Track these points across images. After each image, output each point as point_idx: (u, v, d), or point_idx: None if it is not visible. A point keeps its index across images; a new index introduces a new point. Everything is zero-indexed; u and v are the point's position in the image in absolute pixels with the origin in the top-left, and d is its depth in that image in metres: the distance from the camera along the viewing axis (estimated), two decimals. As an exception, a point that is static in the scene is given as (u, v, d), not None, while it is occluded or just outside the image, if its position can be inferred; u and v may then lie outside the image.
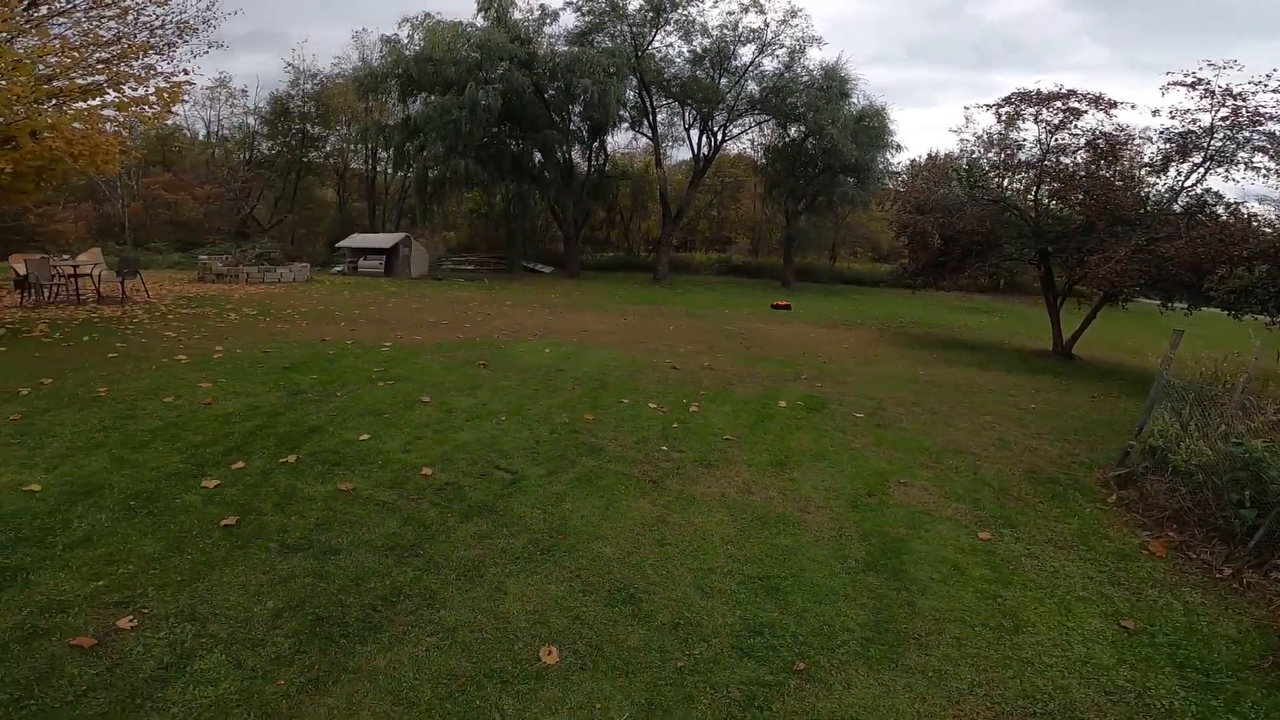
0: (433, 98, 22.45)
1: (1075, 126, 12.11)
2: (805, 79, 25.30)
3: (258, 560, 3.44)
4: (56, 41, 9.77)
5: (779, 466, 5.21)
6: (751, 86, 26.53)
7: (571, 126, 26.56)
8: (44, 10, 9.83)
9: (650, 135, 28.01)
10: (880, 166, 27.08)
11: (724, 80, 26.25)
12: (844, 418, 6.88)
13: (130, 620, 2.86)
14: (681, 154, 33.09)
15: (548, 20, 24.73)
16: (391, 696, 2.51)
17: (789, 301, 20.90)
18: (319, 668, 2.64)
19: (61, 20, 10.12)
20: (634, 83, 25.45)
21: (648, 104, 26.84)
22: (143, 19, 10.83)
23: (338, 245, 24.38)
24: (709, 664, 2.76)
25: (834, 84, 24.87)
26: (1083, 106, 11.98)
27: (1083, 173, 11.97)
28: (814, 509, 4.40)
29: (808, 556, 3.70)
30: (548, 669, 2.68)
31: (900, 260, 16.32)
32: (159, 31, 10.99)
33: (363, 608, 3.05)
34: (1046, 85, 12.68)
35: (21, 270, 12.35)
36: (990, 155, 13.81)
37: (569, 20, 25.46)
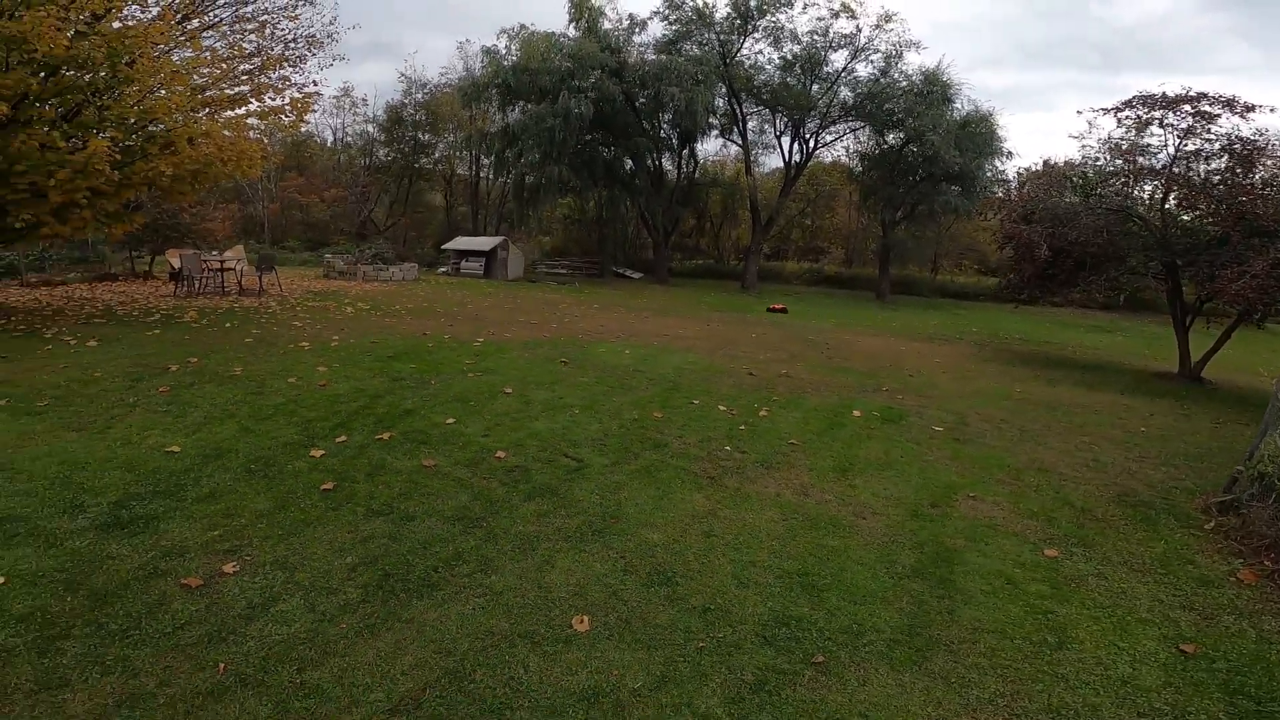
0: (529, 106, 23.56)
1: (1209, 131, 11.00)
2: (904, 84, 24.44)
3: (345, 521, 3.89)
4: (208, 54, 11.20)
5: (841, 473, 5.17)
6: (845, 93, 25.96)
7: (661, 134, 27.03)
8: (195, 24, 11.28)
9: (740, 143, 27.97)
10: (988, 174, 25.60)
11: (815, 87, 25.82)
12: (921, 430, 6.68)
13: (234, 566, 3.34)
14: (773, 161, 32.76)
15: (636, 29, 25.37)
16: (434, 645, 2.80)
17: (785, 305, 20.39)
18: (377, 616, 2.98)
19: (210, 34, 11.59)
20: (723, 90, 25.55)
21: (737, 111, 26.83)
22: (277, 33, 12.21)
23: (443, 247, 26.06)
24: (730, 647, 2.86)
25: (935, 89, 23.86)
26: (1215, 110, 10.87)
27: (1217, 179, 10.86)
28: (870, 515, 4.35)
29: (853, 559, 3.69)
30: (576, 635, 2.89)
31: (1008, 274, 15.34)
32: (292, 45, 12.35)
33: (425, 568, 3.39)
34: (1173, 88, 11.60)
35: (176, 264, 14.18)
36: (1117, 162, 12.78)
37: (657, 29, 26.07)
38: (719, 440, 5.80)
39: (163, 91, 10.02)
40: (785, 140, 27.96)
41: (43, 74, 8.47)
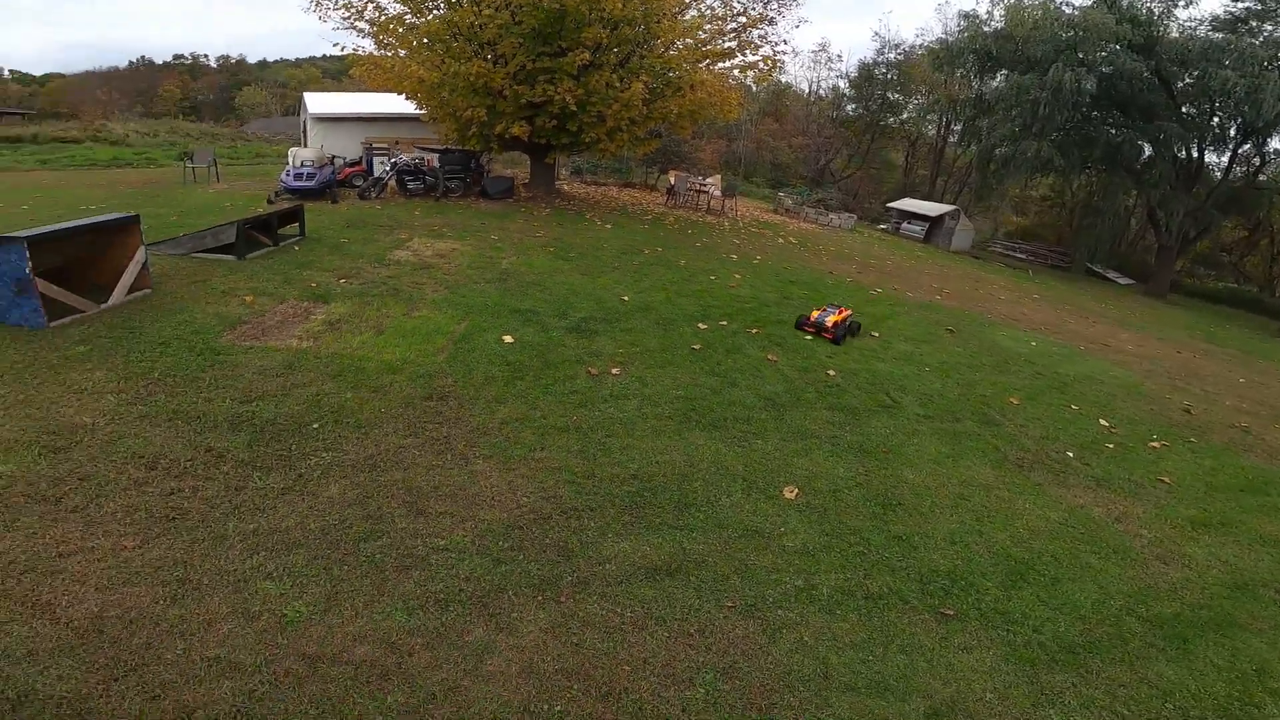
0: (1011, 75, 21.40)
1: None
2: None
3: (693, 370, 5.33)
4: (708, 13, 13.58)
5: (1195, 526, 4.30)
6: None
7: (1213, 121, 20.92)
8: None
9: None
10: None
11: None
12: None
13: (618, 370, 5.07)
14: None
15: (1177, 3, 20.07)
16: (685, 457, 4.02)
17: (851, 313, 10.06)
18: (669, 429, 4.36)
19: (708, -5, 13.89)
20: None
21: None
22: None
23: (889, 205, 25.86)
24: (884, 567, 3.31)
25: None
26: None
27: None
28: (1176, 564, 3.73)
29: (1098, 581, 3.43)
30: (779, 496, 3.74)
31: None
32: (769, 5, 13.85)
33: (718, 416, 4.61)
34: None
35: (672, 181, 18.08)
36: None
37: (1211, 5, 20.08)
38: (1064, 443, 5.30)
39: (679, 44, 12.82)
40: None
41: (609, 29, 11.78)
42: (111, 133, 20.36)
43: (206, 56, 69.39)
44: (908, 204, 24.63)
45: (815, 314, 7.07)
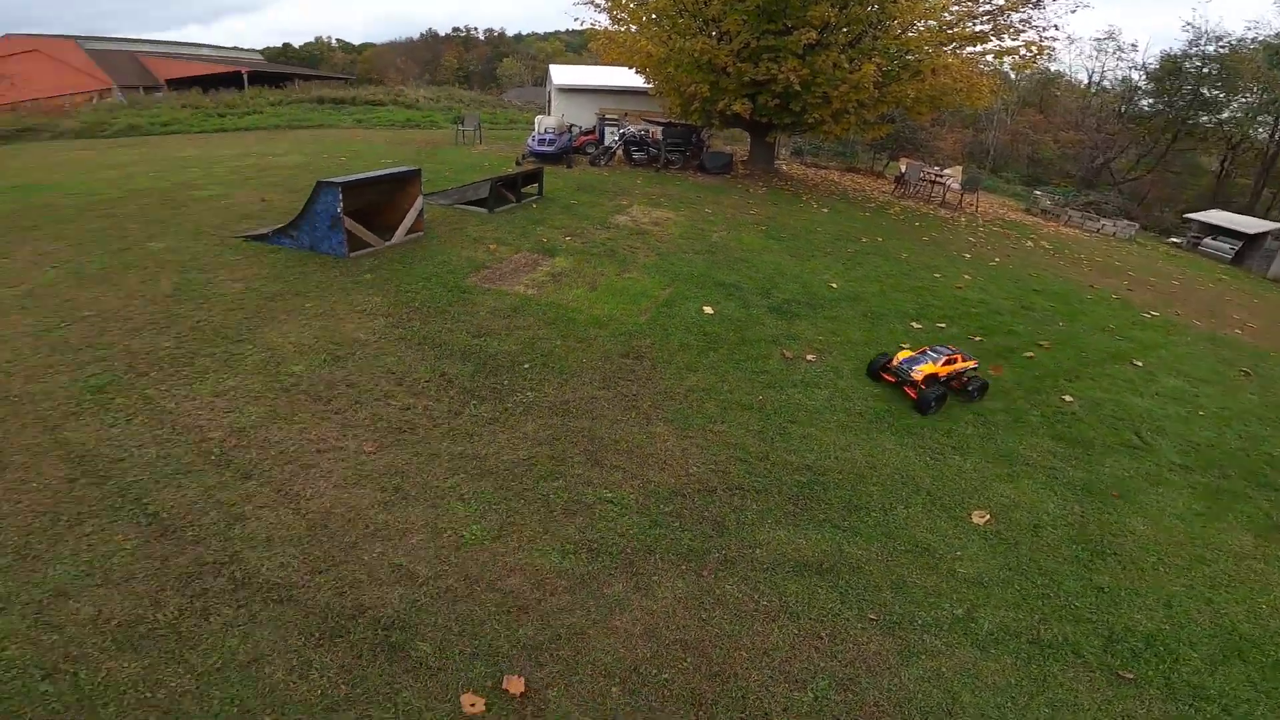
0: None
1: None
2: None
3: (901, 369, 4.90)
4: None
5: None
6: None
7: None
8: None
9: None
10: None
11: None
12: None
13: (812, 357, 4.87)
14: None
15: None
16: (867, 458, 3.77)
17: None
18: (853, 423, 4.16)
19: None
20: None
21: None
22: None
23: (1187, 215, 21.10)
24: (1071, 618, 2.86)
25: None
26: None
27: None
28: None
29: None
30: (965, 519, 3.41)
31: None
32: None
33: (914, 421, 4.34)
34: None
35: (902, 169, 16.64)
36: None
37: None
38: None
39: (920, 25, 11.56)
40: None
41: (837, 8, 11.01)
42: (407, 97, 24.12)
43: (476, 29, 78.44)
44: (1215, 216, 19.94)
45: (902, 356, 4.68)
